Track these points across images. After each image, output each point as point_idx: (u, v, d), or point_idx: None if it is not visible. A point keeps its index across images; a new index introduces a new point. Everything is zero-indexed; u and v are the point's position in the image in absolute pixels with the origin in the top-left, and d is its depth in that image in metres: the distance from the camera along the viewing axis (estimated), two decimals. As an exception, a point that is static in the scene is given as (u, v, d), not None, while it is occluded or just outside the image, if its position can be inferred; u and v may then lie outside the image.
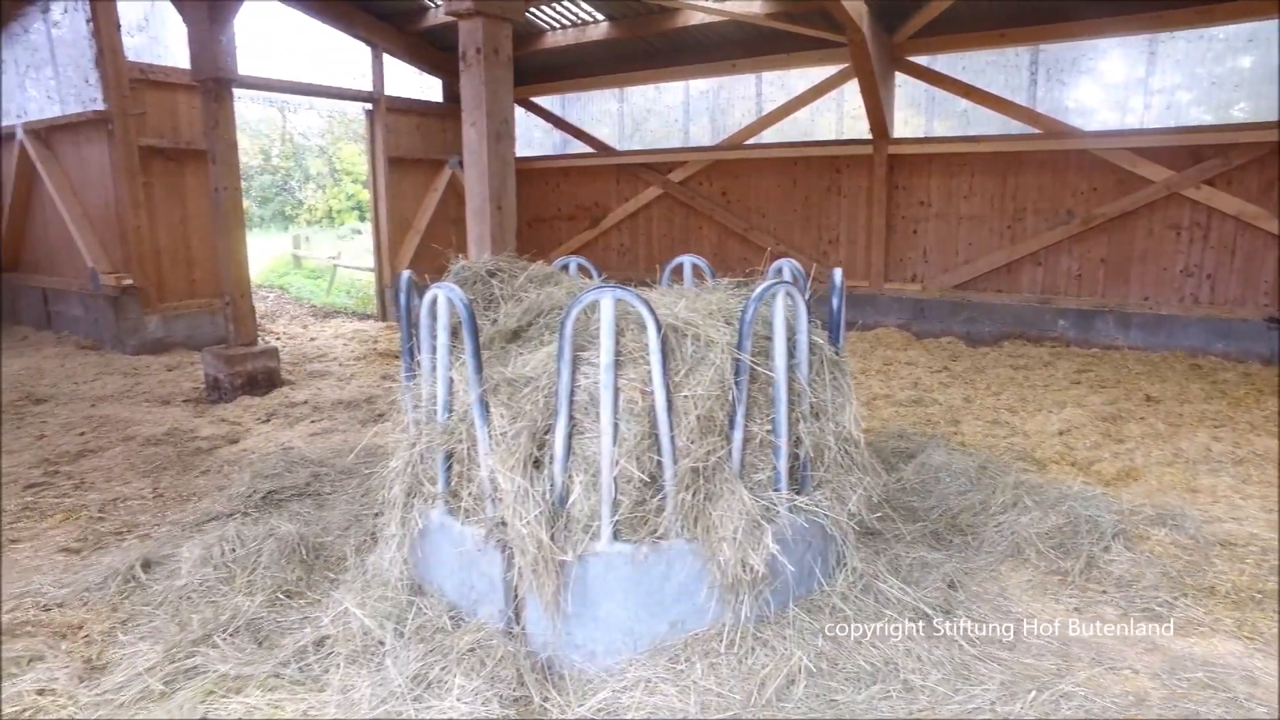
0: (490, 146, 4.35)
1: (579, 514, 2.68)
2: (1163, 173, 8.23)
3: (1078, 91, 9.08)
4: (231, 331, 7.25)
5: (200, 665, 2.90)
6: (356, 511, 4.33)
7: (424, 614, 2.88)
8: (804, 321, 2.95)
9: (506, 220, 4.47)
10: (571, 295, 3.54)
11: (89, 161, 9.29)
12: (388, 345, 9.62)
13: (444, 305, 2.86)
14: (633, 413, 2.67)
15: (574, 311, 2.61)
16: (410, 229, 11.91)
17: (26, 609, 3.49)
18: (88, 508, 4.64)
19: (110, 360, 8.57)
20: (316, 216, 30.59)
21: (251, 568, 3.59)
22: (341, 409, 6.56)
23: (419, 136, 11.96)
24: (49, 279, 10.33)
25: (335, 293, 14.80)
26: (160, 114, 9.21)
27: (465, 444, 2.84)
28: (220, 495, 4.62)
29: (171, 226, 9.36)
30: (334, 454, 5.27)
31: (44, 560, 4.00)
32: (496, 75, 4.37)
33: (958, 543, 3.95)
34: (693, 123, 12.26)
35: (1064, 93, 9.09)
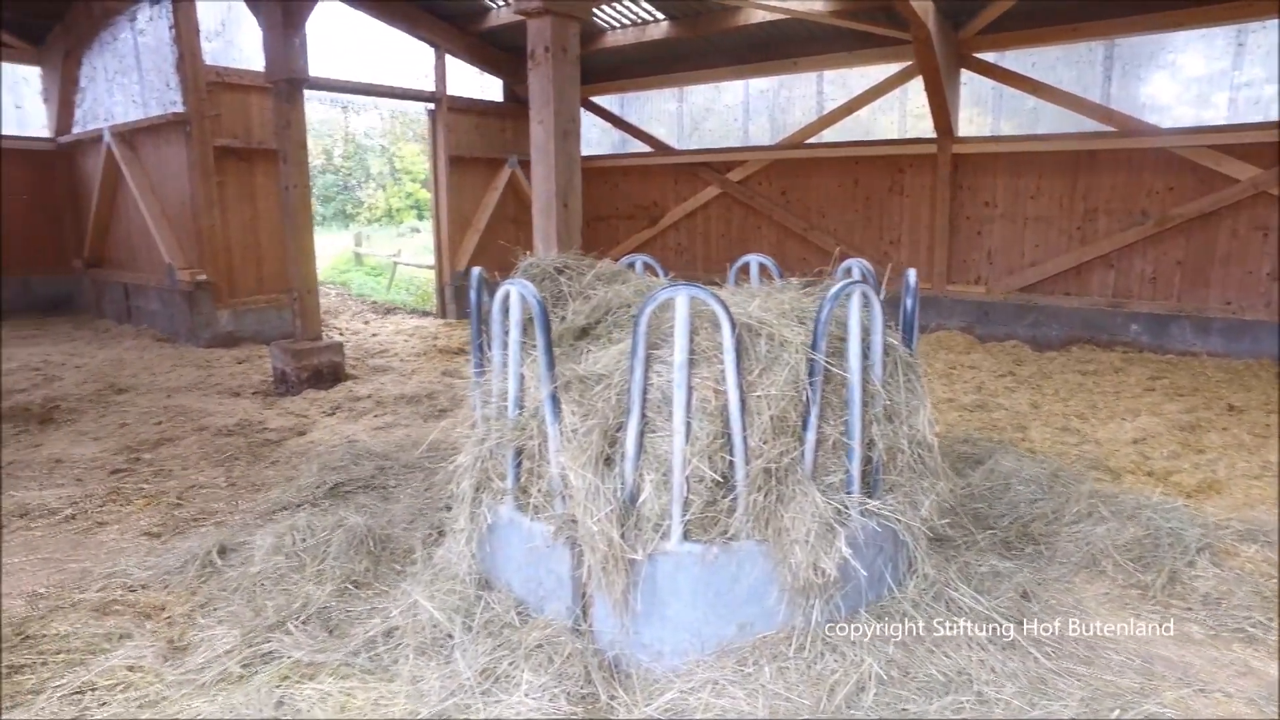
0: (557, 144, 4.37)
1: (649, 513, 2.67)
2: (1249, 170, 7.88)
3: (1155, 87, 8.75)
4: (298, 326, 7.44)
5: (275, 651, 2.98)
6: (421, 505, 4.39)
7: (492, 609, 2.90)
8: (879, 322, 2.89)
9: (572, 218, 4.49)
10: (639, 293, 3.54)
11: (168, 162, 9.63)
12: (447, 342, 9.76)
13: (516, 301, 2.87)
14: (706, 412, 2.65)
15: (648, 309, 2.60)
16: (470, 227, 12.06)
17: (114, 589, 3.63)
18: (167, 494, 4.80)
19: (184, 353, 8.88)
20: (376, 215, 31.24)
21: (321, 557, 3.66)
22: (404, 404, 6.67)
23: (479, 136, 12.10)
24: (130, 274, 10.75)
25: (395, 289, 15.08)
26: (234, 115, 9.49)
27: (536, 440, 2.85)
28: (290, 486, 4.73)
29: (242, 224, 9.64)
30: (397, 448, 5.36)
31: (129, 543, 4.15)
32: (564, 74, 4.38)
33: (1030, 552, 3.83)
34: (752, 122, 12.17)
35: (1140, 88, 8.77)
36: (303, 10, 7.22)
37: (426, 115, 11.63)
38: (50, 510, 4.54)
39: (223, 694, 2.78)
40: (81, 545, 4.16)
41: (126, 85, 10.17)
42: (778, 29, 10.42)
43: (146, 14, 9.46)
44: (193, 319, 9.34)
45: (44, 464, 5.33)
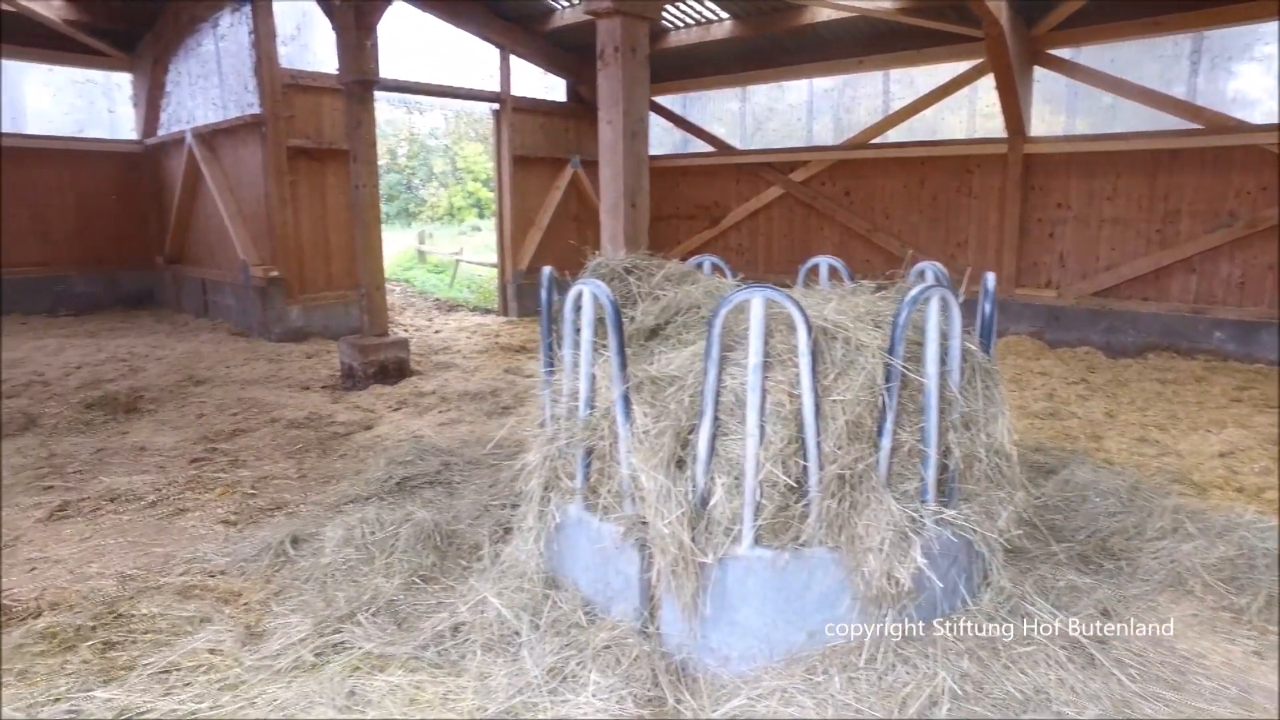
0: (626, 145, 4.37)
1: (720, 516, 2.64)
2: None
3: (1245, 81, 8.35)
4: (366, 322, 7.60)
5: (346, 641, 3.04)
6: (485, 502, 4.43)
7: (559, 607, 2.91)
8: (957, 327, 2.82)
9: (640, 217, 4.48)
10: (709, 294, 3.52)
11: (244, 162, 9.95)
12: (509, 339, 9.87)
13: (588, 301, 2.88)
14: (779, 416, 2.61)
15: (723, 311, 2.57)
16: (532, 226, 12.18)
17: (195, 574, 3.76)
18: (242, 483, 4.95)
19: (256, 346, 9.16)
20: (438, 213, 31.80)
21: (389, 551, 3.73)
22: (467, 400, 6.76)
23: (542, 136, 12.21)
24: (207, 270, 11.15)
25: (457, 287, 15.31)
26: (306, 116, 9.76)
27: (606, 441, 2.85)
28: (358, 479, 4.83)
29: (313, 222, 9.91)
30: (462, 444, 5.43)
31: (207, 530, 4.29)
32: (633, 73, 4.38)
33: (1109, 568, 3.68)
34: (815, 122, 12.02)
35: (1230, 83, 8.38)
36: (375, 12, 7.37)
37: (491, 115, 11.77)
38: (137, 496, 4.73)
39: (297, 681, 2.84)
40: (165, 530, 4.31)
41: (207, 89, 10.54)
42: (843, 27, 10.27)
43: (228, 20, 9.79)
44: (265, 314, 9.63)
45: (130, 451, 5.55)
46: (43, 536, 4.26)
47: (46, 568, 3.90)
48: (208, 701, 2.78)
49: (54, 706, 2.75)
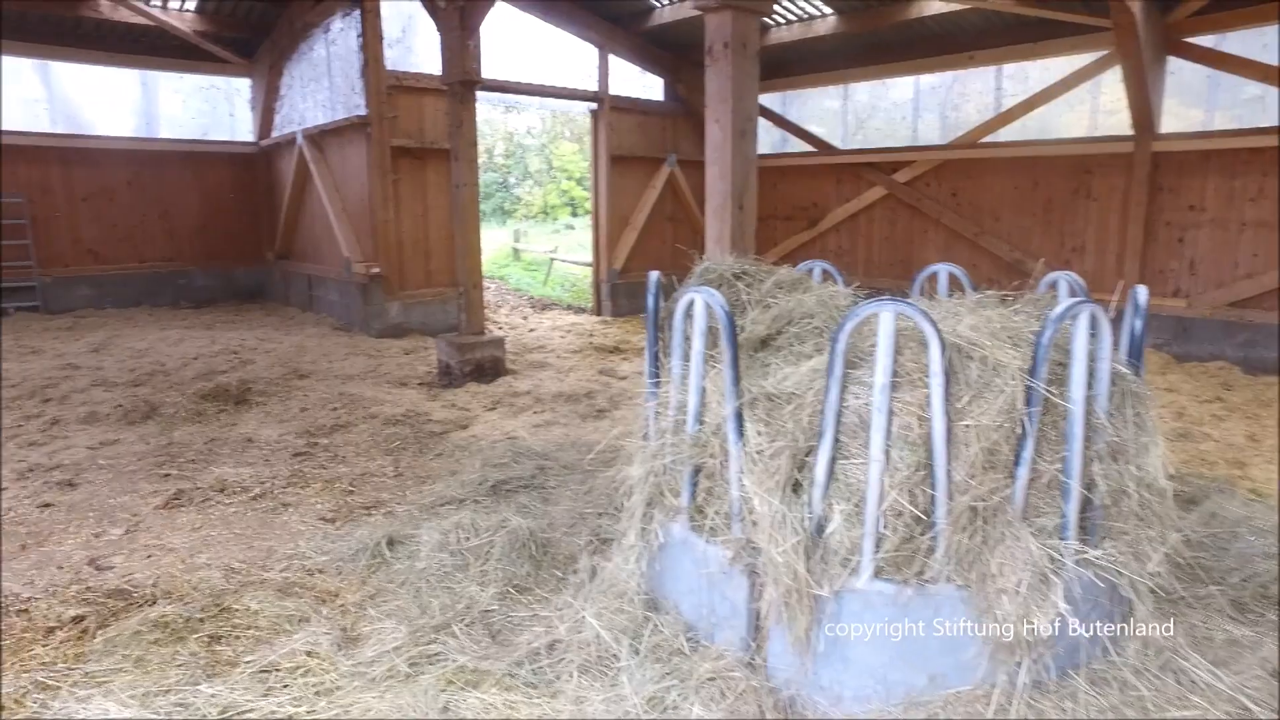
0: (734, 144, 4.20)
1: (837, 546, 2.45)
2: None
3: None
4: (463, 320, 7.66)
5: (441, 653, 2.98)
6: (580, 509, 4.35)
7: (660, 632, 2.77)
8: (1107, 347, 2.54)
9: (747, 220, 4.31)
10: (823, 303, 3.31)
11: (349, 161, 10.23)
12: (603, 340, 9.82)
13: (701, 310, 2.73)
14: (907, 440, 2.40)
15: (849, 325, 2.38)
16: (628, 225, 12.12)
17: (295, 571, 3.80)
18: (341, 480, 5.01)
19: (357, 342, 9.39)
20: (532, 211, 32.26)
21: (484, 558, 3.67)
22: (562, 401, 6.72)
23: (640, 135, 12.14)
24: (313, 266, 11.54)
25: (551, 285, 15.42)
26: (409, 116, 9.95)
27: (716, 459, 2.69)
28: (453, 480, 4.82)
29: (414, 220, 10.10)
30: (556, 447, 5.37)
31: (307, 526, 4.34)
32: (743, 70, 4.21)
33: (1272, 619, 3.29)
34: (921, 120, 11.55)
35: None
36: (478, 13, 7.41)
37: (589, 115, 11.76)
38: (243, 488, 4.85)
39: (391, 691, 2.79)
40: (268, 524, 4.39)
41: (317, 91, 10.89)
42: (953, 21, 9.80)
43: (338, 25, 10.08)
44: (366, 310, 9.88)
45: (238, 442, 5.72)
46: (159, 524, 4.40)
47: (161, 555, 4.02)
48: (305, 706, 2.76)
49: (164, 698, 2.78)
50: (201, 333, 9.98)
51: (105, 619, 3.38)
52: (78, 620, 3.38)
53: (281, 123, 12.22)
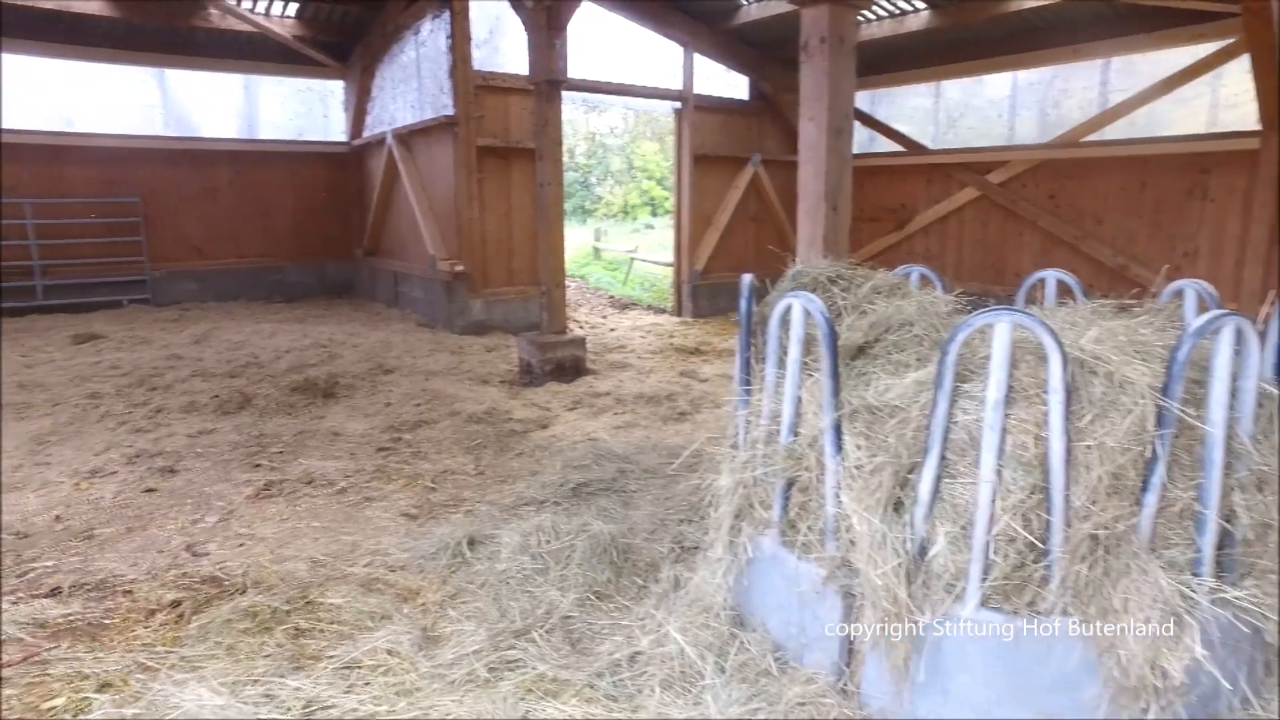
0: (829, 142, 4.05)
1: (940, 570, 2.29)
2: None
3: None
4: (545, 319, 7.68)
5: (520, 660, 2.93)
6: (662, 515, 4.26)
7: (747, 650, 2.66)
8: (1254, 364, 2.30)
9: (841, 222, 4.15)
10: (923, 311, 3.14)
11: (436, 161, 10.41)
12: (683, 341, 9.73)
13: (799, 316, 2.60)
14: (1021, 460, 2.22)
15: (960, 336, 2.22)
16: (710, 225, 11.99)
17: (377, 567, 3.83)
18: (423, 476, 5.05)
19: (441, 338, 9.54)
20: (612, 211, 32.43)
21: (565, 562, 3.62)
22: (642, 403, 6.65)
23: (724, 135, 11.99)
24: (399, 263, 11.81)
25: (631, 285, 15.41)
26: (495, 116, 10.06)
27: (811, 473, 2.56)
28: (534, 481, 4.80)
29: (497, 219, 10.21)
30: (637, 450, 5.30)
31: (390, 522, 4.39)
32: (840, 66, 4.05)
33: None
34: (1018, 117, 11.06)
35: None
36: (565, 13, 7.41)
37: (673, 114, 11.68)
38: (329, 481, 4.94)
39: (470, 696, 2.76)
40: (352, 518, 4.45)
41: (406, 92, 11.13)
42: (1055, 13, 9.33)
43: (428, 27, 10.27)
44: (449, 307, 10.03)
45: (325, 435, 5.85)
46: (250, 514, 4.51)
47: (252, 545, 4.11)
48: (385, 705, 2.75)
49: (252, 688, 2.81)
50: (293, 327, 10.31)
51: (200, 605, 3.47)
52: (175, 605, 3.48)
53: (372, 123, 12.55)
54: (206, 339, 9.41)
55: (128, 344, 9.21)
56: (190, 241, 12.36)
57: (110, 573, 3.80)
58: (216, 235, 12.55)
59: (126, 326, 10.27)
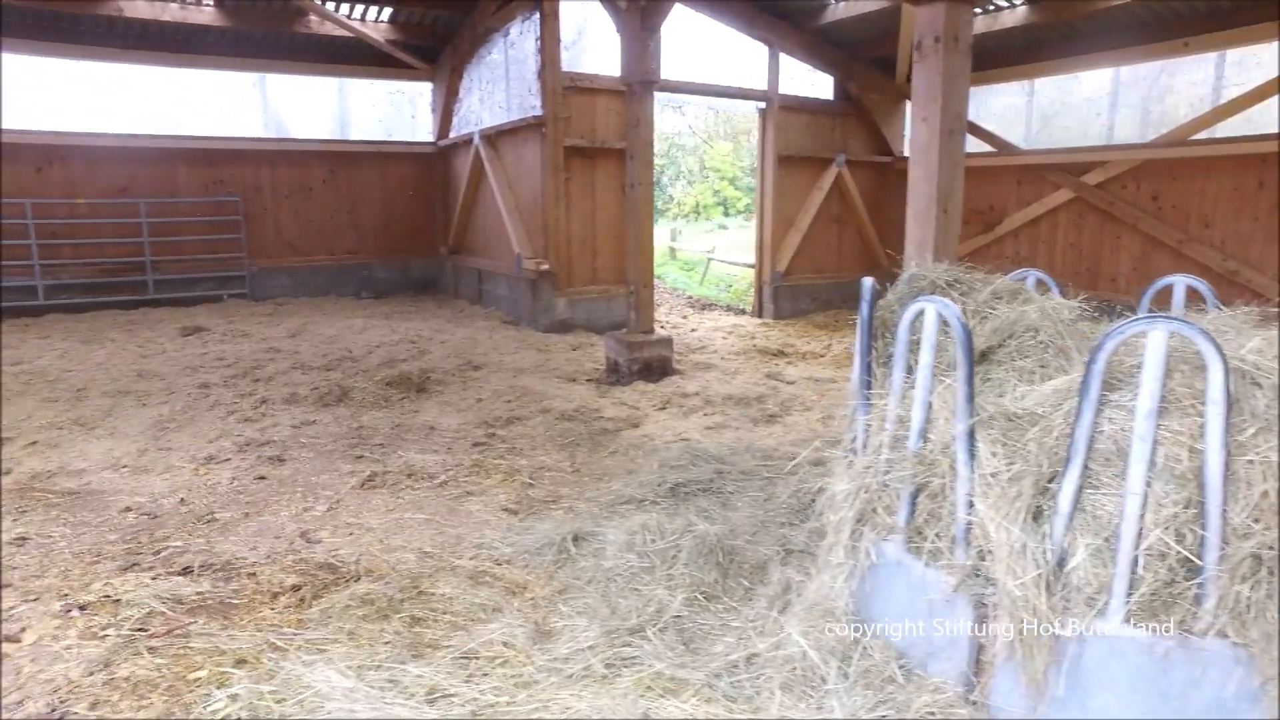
0: (942, 144, 3.96)
1: (1081, 583, 2.22)
2: None
3: None
4: (632, 319, 7.73)
5: (636, 656, 2.96)
6: (762, 517, 4.25)
7: (870, 656, 2.63)
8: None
9: (951, 225, 4.06)
10: (1046, 316, 3.05)
11: (523, 161, 10.58)
12: (765, 343, 9.66)
13: (932, 321, 2.56)
14: (1173, 474, 2.14)
15: (1110, 344, 2.15)
16: (792, 227, 11.89)
17: (483, 560, 3.91)
18: (520, 472, 5.14)
19: (526, 336, 9.70)
20: (684, 211, 32.42)
21: (671, 562, 3.64)
22: (731, 404, 6.64)
23: (808, 135, 11.87)
24: (484, 261, 12.05)
25: (707, 285, 15.39)
26: (582, 117, 10.17)
27: (943, 479, 2.52)
28: (631, 479, 4.84)
29: (583, 218, 10.32)
30: (731, 451, 5.29)
31: (491, 516, 4.48)
32: (955, 66, 3.96)
33: None
34: (1118, 115, 10.64)
35: None
36: (659, 13, 7.45)
37: (756, 114, 11.61)
38: (429, 474, 5.07)
39: (588, 691, 2.80)
40: (455, 511, 4.56)
41: (494, 93, 11.34)
42: (1164, 3, 8.94)
43: (518, 29, 10.45)
44: (534, 305, 10.19)
45: (421, 429, 6.01)
46: (356, 504, 4.67)
47: (361, 534, 4.25)
48: (505, 696, 2.81)
49: (376, 672, 2.91)
50: (381, 322, 10.61)
51: (319, 590, 3.61)
52: (296, 589, 3.62)
53: (459, 124, 12.83)
54: (301, 333, 9.77)
55: (230, 337, 9.63)
56: (285, 238, 12.85)
57: (233, 555, 3.98)
58: (309, 232, 13.02)
59: (227, 320, 10.74)
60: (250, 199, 12.41)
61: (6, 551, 3.94)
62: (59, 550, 4.00)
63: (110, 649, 3.11)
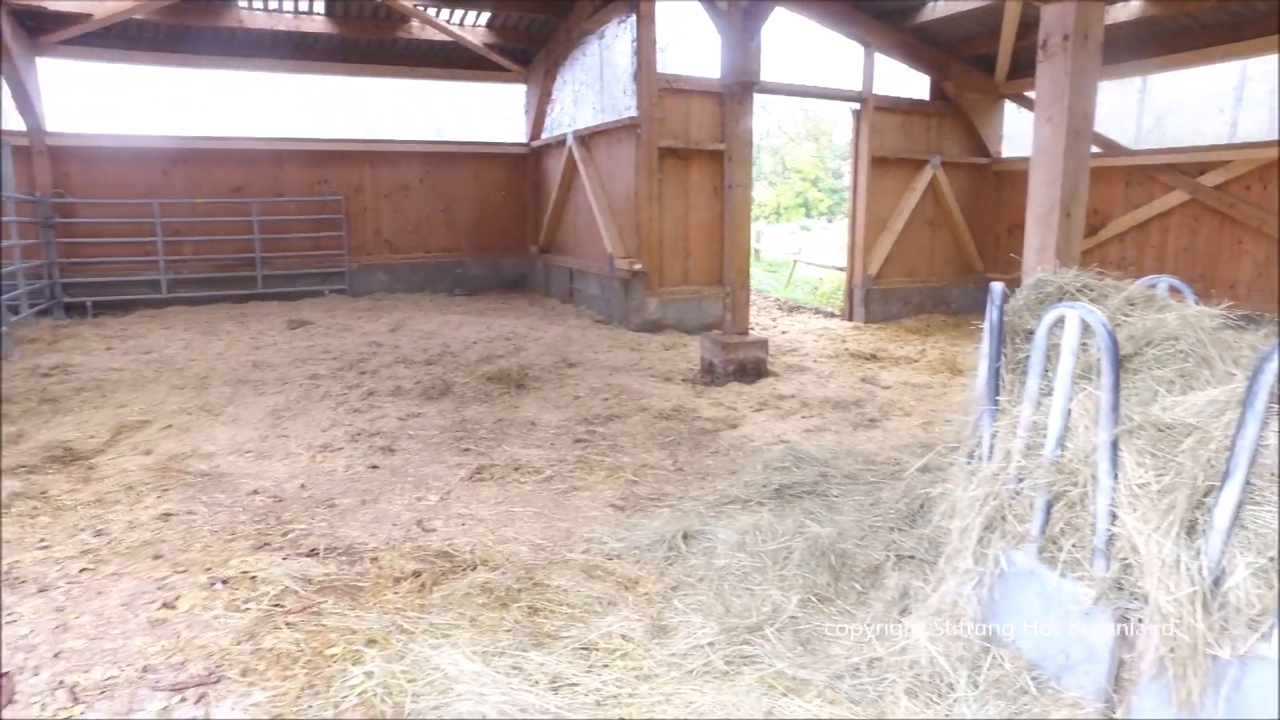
0: (1068, 145, 3.86)
1: (1242, 603, 2.14)
2: None
3: None
4: (728, 320, 7.74)
5: (756, 655, 2.98)
6: (870, 521, 4.21)
7: (1000, 666, 2.59)
8: None
9: (1074, 229, 3.95)
10: (1186, 324, 2.94)
11: (617, 161, 10.71)
12: (856, 346, 9.53)
13: (1075, 328, 2.51)
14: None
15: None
16: (884, 230, 11.69)
17: (594, 554, 3.99)
18: (623, 469, 5.22)
19: (617, 335, 9.81)
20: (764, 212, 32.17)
21: (782, 563, 3.65)
22: (829, 408, 6.58)
23: (903, 136, 11.65)
24: (575, 260, 12.25)
25: (793, 287, 15.26)
26: (676, 118, 10.23)
27: (1082, 489, 2.46)
28: (735, 480, 4.85)
29: (675, 219, 10.38)
30: (833, 454, 5.25)
31: (598, 512, 4.56)
32: (1083, 65, 3.85)
33: None
34: (1243, 112, 10.10)
35: None
36: (761, 14, 7.43)
37: (850, 115, 11.46)
38: (535, 469, 5.19)
39: (710, 687, 2.83)
40: (562, 505, 4.67)
41: (588, 95, 11.51)
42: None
43: (613, 31, 10.58)
44: (626, 304, 10.30)
45: (523, 424, 6.15)
46: (466, 495, 4.82)
47: (473, 525, 4.39)
48: (626, 688, 2.87)
49: (499, 659, 3.01)
50: (476, 319, 10.90)
51: (438, 577, 3.75)
52: (416, 575, 3.77)
53: (552, 125, 13.07)
54: (400, 328, 10.12)
55: (333, 330, 10.05)
56: (383, 236, 13.33)
57: (354, 540, 4.17)
58: (405, 230, 13.47)
59: (330, 314, 11.21)
60: (352, 198, 12.92)
61: (154, 525, 4.23)
62: (199, 527, 4.26)
63: (253, 621, 3.31)
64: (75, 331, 9.83)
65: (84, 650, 3.11)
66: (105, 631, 3.24)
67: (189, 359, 8.28)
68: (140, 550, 3.96)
